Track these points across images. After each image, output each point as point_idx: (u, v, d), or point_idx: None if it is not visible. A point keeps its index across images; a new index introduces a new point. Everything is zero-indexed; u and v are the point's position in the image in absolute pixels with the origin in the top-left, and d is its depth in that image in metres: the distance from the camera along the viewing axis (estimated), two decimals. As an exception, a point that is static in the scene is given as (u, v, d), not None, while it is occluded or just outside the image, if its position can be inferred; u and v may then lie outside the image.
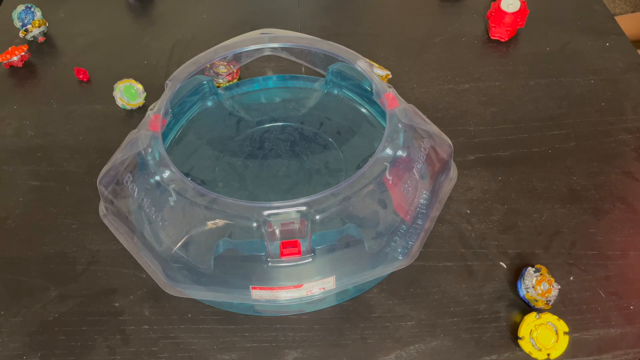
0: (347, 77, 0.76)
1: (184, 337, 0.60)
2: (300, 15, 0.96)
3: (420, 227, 0.63)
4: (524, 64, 0.87)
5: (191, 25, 0.94)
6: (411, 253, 0.61)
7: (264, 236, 0.55)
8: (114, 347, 0.60)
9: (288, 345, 0.60)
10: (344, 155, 0.72)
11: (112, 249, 0.66)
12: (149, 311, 0.62)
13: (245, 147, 0.74)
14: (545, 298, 0.60)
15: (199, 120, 0.77)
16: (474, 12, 0.95)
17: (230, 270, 0.59)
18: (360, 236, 0.60)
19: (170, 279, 0.59)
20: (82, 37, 0.92)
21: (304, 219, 0.55)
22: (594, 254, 0.66)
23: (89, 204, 0.70)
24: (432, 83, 0.85)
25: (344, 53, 0.69)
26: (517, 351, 0.59)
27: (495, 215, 0.69)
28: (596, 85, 0.83)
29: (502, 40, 0.89)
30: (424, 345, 0.60)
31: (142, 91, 0.80)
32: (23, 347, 0.60)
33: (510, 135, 0.77)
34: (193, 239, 0.59)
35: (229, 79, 0.81)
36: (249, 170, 0.71)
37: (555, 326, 0.57)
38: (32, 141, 0.77)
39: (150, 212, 0.60)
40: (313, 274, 0.58)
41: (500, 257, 0.66)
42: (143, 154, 0.60)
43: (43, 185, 0.73)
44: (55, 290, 0.64)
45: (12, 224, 0.69)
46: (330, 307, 0.62)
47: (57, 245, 0.67)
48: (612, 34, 0.90)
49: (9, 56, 0.84)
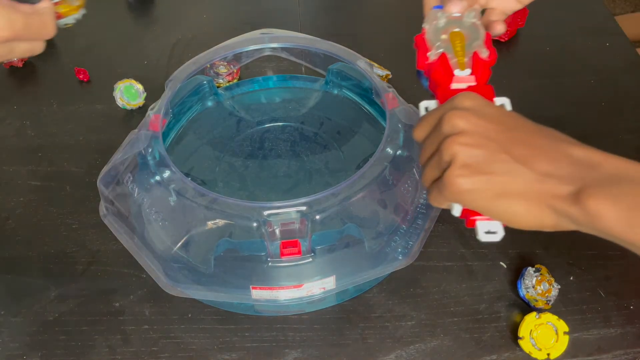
0: (347, 77, 0.76)
1: (184, 337, 0.60)
2: (300, 15, 0.96)
3: (420, 227, 0.63)
4: (524, 64, 0.87)
5: (191, 25, 0.94)
6: (411, 253, 0.61)
7: (264, 236, 0.55)
8: (114, 347, 0.60)
9: (288, 345, 0.60)
10: (344, 155, 0.72)
11: (112, 249, 0.66)
12: (149, 311, 0.62)
13: (245, 147, 0.74)
14: (545, 298, 0.60)
15: (199, 120, 0.77)
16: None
17: (230, 270, 0.59)
18: (360, 236, 0.60)
19: (170, 279, 0.59)
20: (82, 37, 0.92)
21: (304, 218, 0.55)
22: (594, 254, 0.66)
23: (89, 204, 0.70)
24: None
25: (344, 53, 0.70)
26: (517, 351, 0.59)
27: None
28: (596, 85, 0.83)
29: (502, 41, 0.89)
30: (424, 345, 0.60)
31: (142, 91, 0.80)
32: (23, 347, 0.60)
33: (510, 135, 0.77)
34: (193, 239, 0.59)
35: (229, 79, 0.81)
36: (249, 170, 0.71)
37: (555, 326, 0.57)
38: (32, 141, 0.77)
39: (150, 212, 0.60)
40: (313, 274, 0.58)
41: (500, 257, 0.66)
42: (143, 154, 0.60)
43: (43, 185, 0.73)
44: (55, 290, 0.64)
45: (12, 224, 0.69)
46: (330, 307, 0.63)
47: (57, 245, 0.67)
48: (612, 34, 0.90)
49: (9, 56, 0.84)
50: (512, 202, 0.36)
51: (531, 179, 0.35)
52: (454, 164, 0.37)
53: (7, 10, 0.38)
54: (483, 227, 0.41)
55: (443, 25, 0.46)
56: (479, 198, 0.37)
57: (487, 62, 0.46)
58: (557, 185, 0.34)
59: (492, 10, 0.51)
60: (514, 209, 0.36)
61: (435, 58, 0.45)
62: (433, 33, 0.46)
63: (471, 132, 0.37)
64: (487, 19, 0.51)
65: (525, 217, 0.36)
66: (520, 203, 0.36)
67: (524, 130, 0.37)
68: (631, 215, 0.31)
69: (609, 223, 0.32)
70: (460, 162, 0.37)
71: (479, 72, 0.45)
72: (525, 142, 0.36)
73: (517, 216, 0.36)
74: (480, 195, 0.37)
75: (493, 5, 0.50)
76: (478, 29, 0.46)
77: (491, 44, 0.47)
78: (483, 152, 0.36)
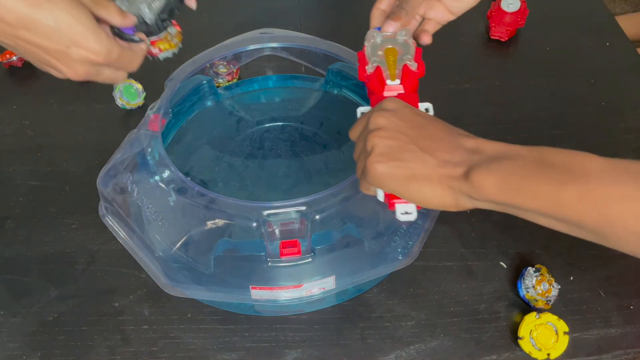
0: (347, 77, 0.76)
1: (183, 337, 0.60)
2: (300, 15, 0.96)
3: (420, 227, 0.63)
4: (524, 64, 0.87)
5: (191, 25, 0.94)
6: (411, 253, 0.61)
7: (263, 236, 0.55)
8: (113, 347, 0.60)
9: (288, 345, 0.60)
10: (344, 155, 0.72)
11: (112, 249, 0.66)
12: (148, 311, 0.62)
13: (245, 147, 0.74)
14: (545, 298, 0.60)
15: (199, 120, 0.77)
16: (474, 12, 0.94)
17: (230, 270, 0.59)
18: (360, 236, 0.59)
19: (170, 279, 0.59)
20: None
21: (304, 218, 0.55)
22: (594, 254, 0.66)
23: (88, 204, 0.70)
24: (432, 83, 0.84)
25: (344, 53, 0.69)
26: (517, 351, 0.59)
27: (496, 215, 0.69)
28: (596, 85, 0.83)
29: (502, 40, 0.89)
30: (424, 345, 0.60)
31: (142, 91, 0.80)
32: (23, 347, 0.60)
33: (510, 135, 0.77)
34: (193, 239, 0.59)
35: (229, 79, 0.81)
36: (248, 170, 0.71)
37: (555, 326, 0.57)
38: (32, 141, 0.77)
39: (150, 212, 0.60)
40: (313, 274, 0.58)
41: (500, 257, 0.66)
42: (143, 153, 0.60)
43: (43, 185, 0.73)
44: (54, 290, 0.64)
45: (12, 224, 0.69)
46: (330, 307, 0.62)
47: (56, 245, 0.67)
48: (612, 34, 0.90)
49: (9, 56, 0.84)
50: (419, 184, 0.43)
51: (434, 164, 0.43)
52: (373, 152, 0.45)
53: (108, 41, 0.45)
54: (400, 209, 0.47)
55: (380, 43, 0.55)
56: (394, 181, 0.44)
57: (416, 74, 0.53)
58: (453, 169, 0.42)
59: (429, 20, 0.58)
60: (422, 190, 0.43)
61: (372, 70, 0.54)
62: (371, 50, 0.55)
63: (389, 128, 0.45)
64: (422, 28, 0.59)
65: (430, 196, 0.44)
66: (426, 185, 0.43)
67: (430, 127, 0.45)
68: (503, 182, 0.39)
69: (488, 190, 0.40)
70: (378, 151, 0.44)
71: (407, 82, 0.52)
72: (430, 136, 0.44)
73: (425, 196, 0.44)
74: (394, 178, 0.44)
75: (430, 16, 0.58)
76: (409, 46, 0.54)
77: (420, 58, 0.54)
78: (397, 144, 0.44)
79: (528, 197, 0.38)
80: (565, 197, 0.37)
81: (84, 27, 0.43)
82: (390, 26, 0.55)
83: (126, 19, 0.48)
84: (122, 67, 0.48)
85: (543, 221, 0.40)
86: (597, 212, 0.36)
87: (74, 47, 0.44)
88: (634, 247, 0.37)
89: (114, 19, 0.47)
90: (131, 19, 0.48)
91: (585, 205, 0.36)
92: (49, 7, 0.42)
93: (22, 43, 0.43)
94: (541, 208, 0.38)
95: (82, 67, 0.45)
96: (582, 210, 0.36)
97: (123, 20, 0.47)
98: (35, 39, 0.43)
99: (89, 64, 0.45)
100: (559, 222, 0.39)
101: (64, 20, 0.42)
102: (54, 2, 0.42)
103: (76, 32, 0.43)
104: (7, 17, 0.41)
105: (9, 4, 0.41)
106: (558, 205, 0.37)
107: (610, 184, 0.36)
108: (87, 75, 0.46)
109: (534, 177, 0.38)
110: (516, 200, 0.39)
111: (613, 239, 0.37)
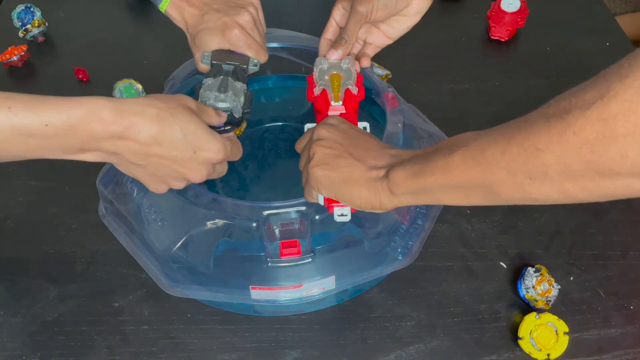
0: (347, 77, 0.76)
1: (183, 337, 0.60)
2: (300, 16, 0.96)
3: (420, 227, 0.63)
4: (524, 64, 0.87)
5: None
6: (411, 253, 0.61)
7: (263, 236, 0.55)
8: (113, 347, 0.60)
9: (288, 345, 0.60)
10: (343, 155, 0.72)
11: (112, 249, 0.66)
12: (148, 311, 0.62)
13: (245, 147, 0.73)
14: (545, 298, 0.60)
15: (199, 120, 0.77)
16: (474, 12, 0.95)
17: (230, 271, 0.59)
18: (360, 236, 0.59)
19: (169, 279, 0.59)
20: (82, 37, 0.92)
21: (304, 219, 0.55)
22: (594, 254, 0.66)
23: (88, 204, 0.70)
24: (432, 83, 0.85)
25: (344, 53, 0.69)
26: (517, 351, 0.59)
27: (496, 215, 0.69)
28: (596, 85, 0.83)
29: (502, 40, 0.89)
30: (424, 345, 0.60)
31: (142, 91, 0.80)
32: (22, 347, 0.60)
33: (510, 135, 0.77)
34: (193, 239, 0.59)
35: (229, 79, 0.81)
36: (248, 170, 0.71)
37: (555, 326, 0.57)
38: (32, 141, 0.77)
39: (149, 212, 0.60)
40: (313, 274, 0.58)
41: (500, 257, 0.66)
42: (143, 153, 0.60)
43: (43, 185, 0.73)
44: (54, 290, 0.64)
45: (12, 224, 0.69)
46: (330, 307, 0.62)
47: (56, 245, 0.67)
48: (612, 34, 0.90)
49: (9, 56, 0.84)
50: (351, 186, 0.49)
51: (363, 169, 0.49)
52: (314, 159, 0.50)
53: (222, 139, 0.51)
54: (337, 211, 0.53)
55: (326, 69, 0.62)
56: (330, 184, 0.50)
57: (357, 97, 0.60)
58: (377, 172, 0.48)
59: (369, 44, 0.65)
60: (352, 192, 0.49)
61: (318, 93, 0.61)
62: (318, 74, 0.62)
63: (328, 138, 0.51)
64: (362, 52, 0.65)
65: (359, 198, 0.49)
66: (356, 187, 0.48)
67: (363, 140, 0.52)
68: (411, 172, 0.45)
69: (400, 184, 0.46)
70: (317, 158, 0.50)
71: (349, 104, 0.60)
72: (362, 147, 0.51)
73: (354, 197, 0.49)
74: (330, 181, 0.49)
75: (370, 41, 0.65)
76: (352, 72, 0.61)
77: (361, 84, 0.62)
78: (333, 152, 0.50)
79: (428, 174, 0.44)
80: (454, 163, 0.42)
81: (204, 132, 0.49)
82: (332, 54, 0.62)
83: (222, 118, 0.55)
84: (233, 158, 0.54)
85: (449, 197, 0.44)
86: (476, 163, 0.40)
87: (199, 151, 0.49)
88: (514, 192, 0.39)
89: (214, 120, 0.53)
90: (224, 117, 0.55)
91: (469, 162, 0.41)
92: (174, 121, 0.47)
93: (154, 159, 0.48)
94: (441, 180, 0.43)
95: (205, 168, 0.51)
96: (467, 168, 0.41)
97: (219, 120, 0.54)
98: (166, 152, 0.48)
99: (210, 163, 0.51)
100: (457, 190, 0.43)
101: (188, 130, 0.48)
102: (176, 116, 0.48)
103: (199, 138, 0.49)
104: (142, 138, 0.46)
105: (143, 125, 0.46)
106: (450, 173, 0.42)
107: (481, 137, 0.41)
108: (208, 175, 0.52)
109: (432, 159, 0.44)
110: (422, 182, 0.44)
111: (497, 187, 0.40)
